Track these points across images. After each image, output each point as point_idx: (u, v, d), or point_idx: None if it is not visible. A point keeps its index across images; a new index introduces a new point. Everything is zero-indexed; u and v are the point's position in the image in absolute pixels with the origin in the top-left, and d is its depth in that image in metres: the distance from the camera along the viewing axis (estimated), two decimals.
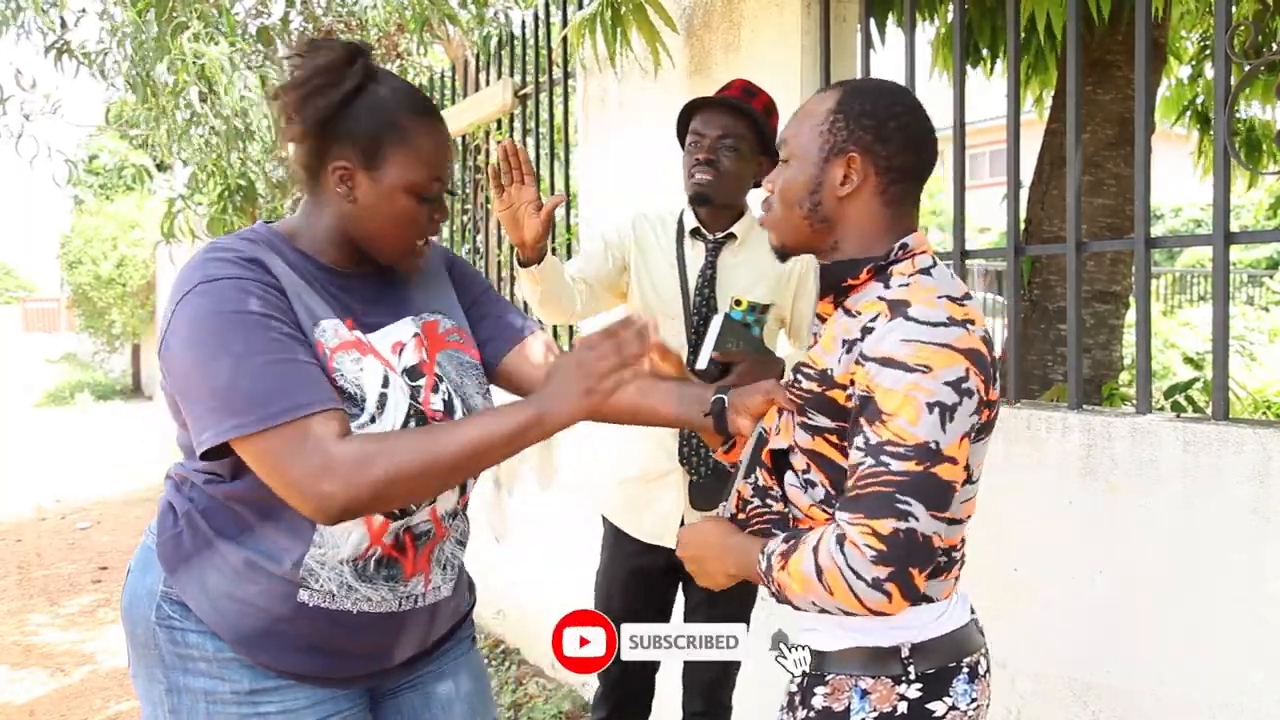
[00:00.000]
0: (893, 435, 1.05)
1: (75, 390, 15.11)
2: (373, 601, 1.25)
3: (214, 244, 1.21)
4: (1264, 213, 12.68)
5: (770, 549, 1.15)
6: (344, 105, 1.21)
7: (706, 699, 2.13)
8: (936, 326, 1.08)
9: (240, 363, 1.10)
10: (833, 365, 1.15)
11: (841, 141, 1.19)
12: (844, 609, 1.05)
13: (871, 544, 1.02)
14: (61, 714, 3.45)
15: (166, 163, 5.66)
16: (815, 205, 1.22)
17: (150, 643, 1.24)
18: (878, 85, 1.25)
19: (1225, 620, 1.62)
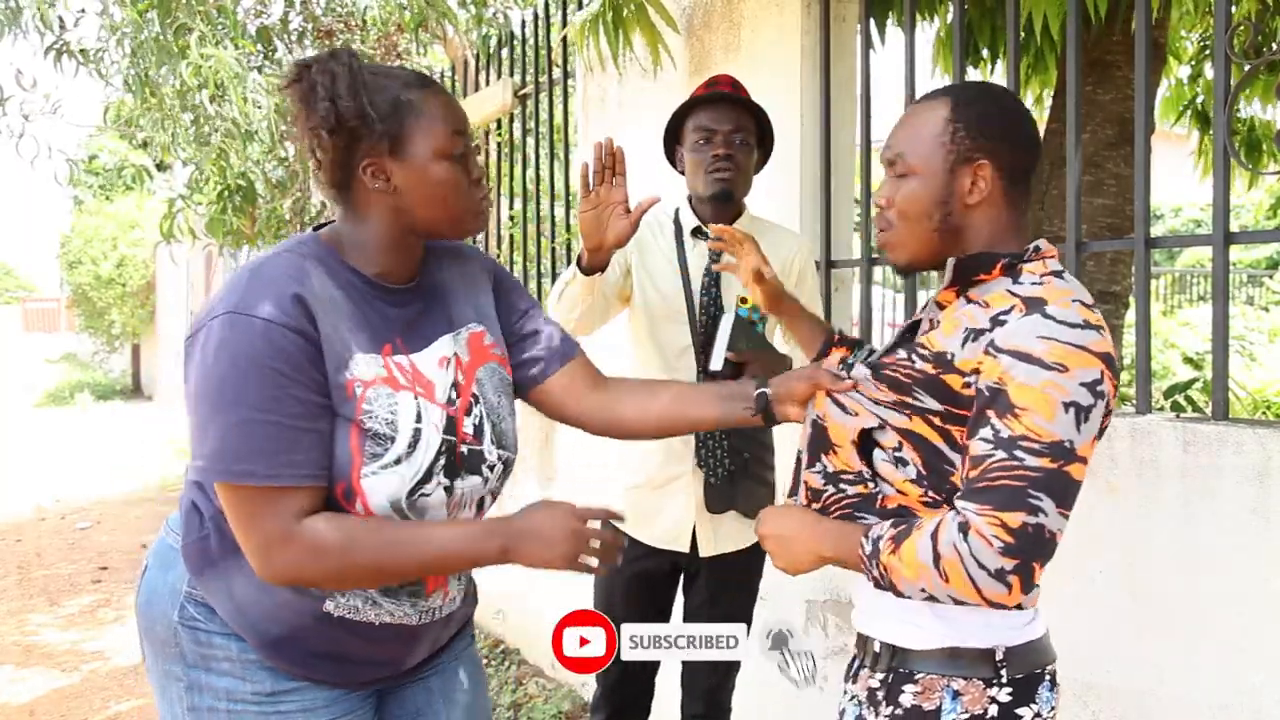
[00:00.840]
0: (1027, 430, 1.05)
1: (75, 390, 15.11)
2: (394, 616, 1.27)
3: (266, 261, 1.20)
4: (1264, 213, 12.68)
5: (877, 533, 1.14)
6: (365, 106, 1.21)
7: (706, 701, 2.12)
8: (1074, 327, 1.08)
9: (240, 412, 1.11)
10: (954, 350, 1.14)
11: (966, 150, 1.20)
12: (957, 597, 1.06)
13: (999, 535, 1.03)
14: (61, 714, 3.45)
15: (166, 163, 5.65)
16: (945, 216, 1.22)
17: (170, 640, 1.25)
18: (986, 89, 1.27)
19: (1225, 620, 1.62)
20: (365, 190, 1.24)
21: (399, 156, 1.22)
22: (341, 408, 1.17)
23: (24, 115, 4.24)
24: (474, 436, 1.28)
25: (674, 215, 2.10)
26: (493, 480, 1.31)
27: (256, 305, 1.13)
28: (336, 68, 1.20)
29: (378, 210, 1.25)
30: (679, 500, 2.01)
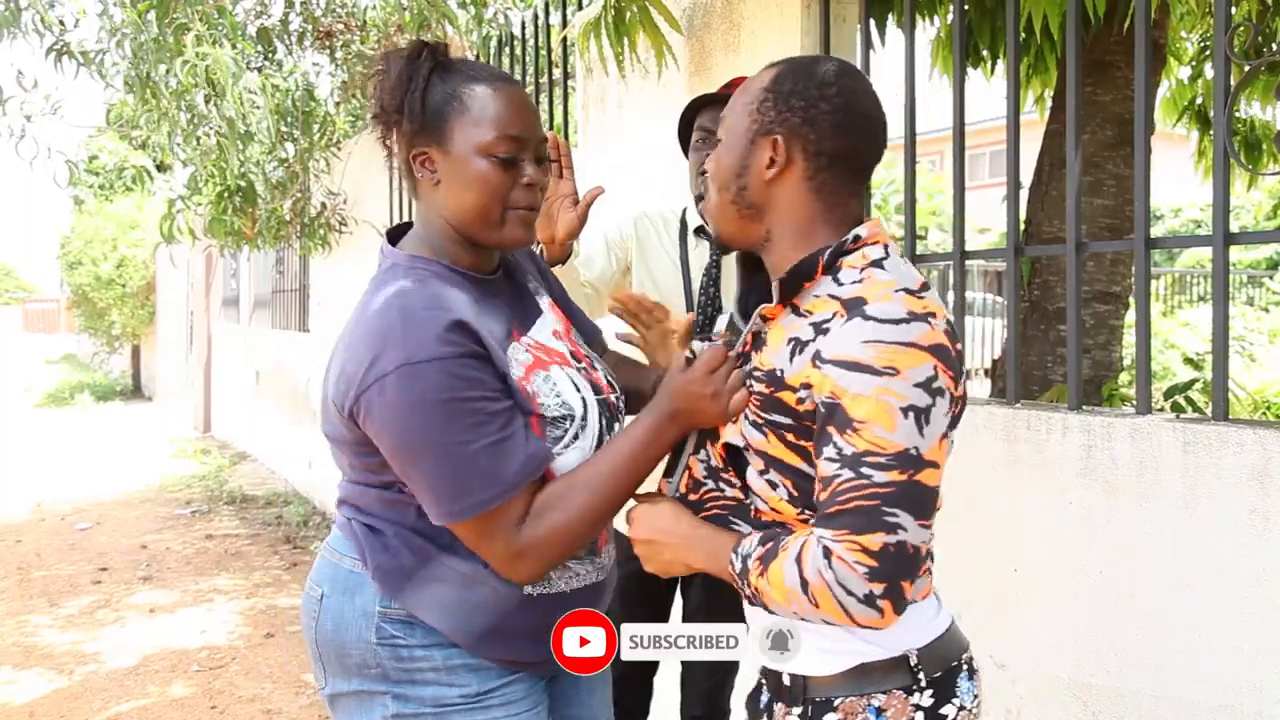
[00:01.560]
0: (870, 445, 0.99)
1: (75, 391, 15.11)
2: (580, 576, 1.33)
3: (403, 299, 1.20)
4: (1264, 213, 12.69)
5: (745, 550, 1.09)
6: (415, 96, 1.25)
7: (705, 703, 2.12)
8: (898, 324, 1.02)
9: (444, 453, 1.16)
10: (782, 366, 1.09)
11: (769, 122, 1.13)
12: (830, 621, 1.02)
13: (862, 560, 0.98)
14: (61, 715, 3.44)
15: (166, 163, 5.65)
16: (741, 189, 1.16)
17: (369, 664, 1.27)
18: (815, 64, 1.16)
19: (1225, 620, 1.62)
20: (418, 182, 1.29)
21: (444, 149, 1.25)
22: (522, 405, 1.23)
23: (25, 116, 4.24)
24: (609, 386, 1.38)
25: (681, 214, 2.11)
26: (626, 421, 1.37)
27: (424, 349, 1.15)
28: (394, 62, 1.26)
29: (432, 204, 1.29)
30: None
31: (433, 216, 1.30)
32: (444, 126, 1.25)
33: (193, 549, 5.81)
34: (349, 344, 1.22)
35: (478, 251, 1.31)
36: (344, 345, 1.23)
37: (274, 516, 6.59)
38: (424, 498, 1.19)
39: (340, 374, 1.21)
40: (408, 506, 1.25)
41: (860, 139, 1.14)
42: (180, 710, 3.48)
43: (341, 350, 1.23)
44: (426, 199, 1.30)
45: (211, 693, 3.63)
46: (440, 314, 1.18)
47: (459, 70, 1.28)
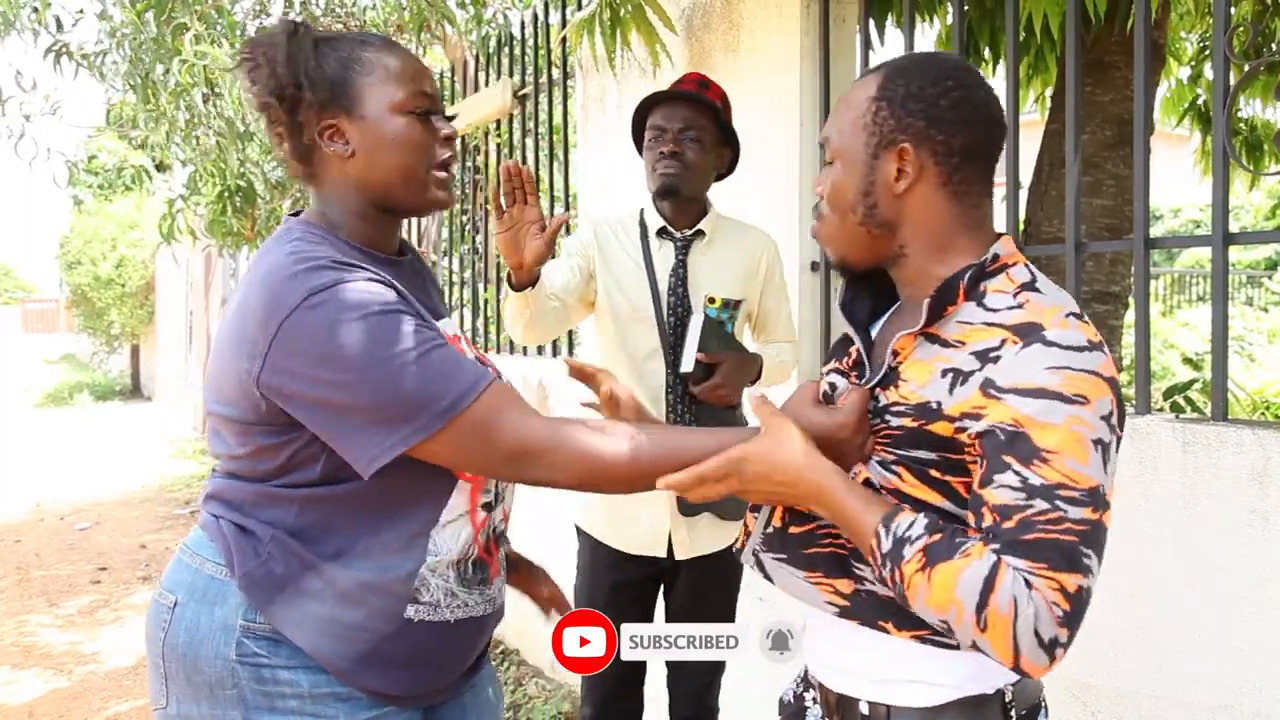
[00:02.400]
0: (1064, 477, 0.91)
1: (74, 391, 15.11)
2: (467, 607, 1.23)
3: (295, 252, 1.12)
4: (1263, 213, 12.69)
5: (903, 531, 0.96)
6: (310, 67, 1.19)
7: (694, 704, 2.11)
8: (1081, 351, 0.95)
9: (391, 365, 1.05)
10: (939, 398, 1.00)
11: (889, 132, 1.05)
12: (979, 647, 0.92)
13: (1059, 603, 0.89)
14: (61, 714, 3.44)
15: (166, 163, 5.65)
16: (871, 208, 1.08)
17: (225, 682, 1.14)
18: (922, 60, 1.10)
19: (1225, 620, 1.62)
20: (326, 159, 1.20)
21: (354, 115, 1.18)
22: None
23: (24, 116, 4.24)
24: None
25: (639, 216, 2.08)
26: None
27: (326, 281, 1.07)
28: (276, 39, 1.18)
29: (341, 179, 1.21)
30: (653, 505, 1.99)
31: (340, 195, 1.22)
32: (350, 92, 1.18)
33: None
34: (243, 306, 1.12)
35: (384, 227, 1.24)
36: (238, 311, 1.13)
37: None
38: (385, 428, 1.06)
39: (240, 336, 1.10)
40: (289, 505, 1.14)
41: (988, 129, 1.07)
42: None
43: (235, 317, 1.13)
44: (334, 177, 1.21)
45: None
46: (329, 252, 1.13)
47: (341, 39, 1.22)
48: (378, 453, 1.07)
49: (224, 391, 1.14)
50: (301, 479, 1.14)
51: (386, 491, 1.14)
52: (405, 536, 1.17)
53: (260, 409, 1.11)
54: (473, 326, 4.53)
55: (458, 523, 1.20)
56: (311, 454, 1.13)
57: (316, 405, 1.08)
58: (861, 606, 1.07)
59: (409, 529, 1.17)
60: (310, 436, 1.12)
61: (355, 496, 1.14)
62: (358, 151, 1.19)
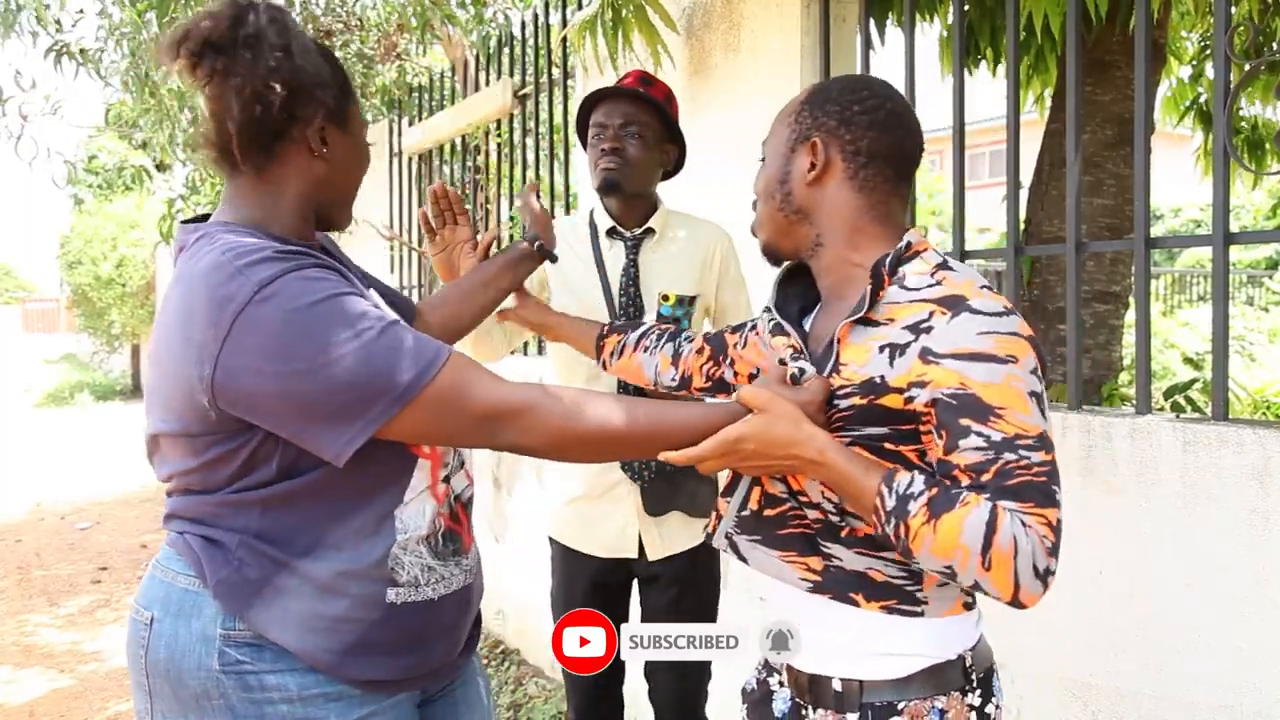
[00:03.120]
0: (1018, 429, 1.02)
1: (75, 390, 15.11)
2: (446, 581, 1.23)
3: (230, 249, 1.09)
4: (1264, 213, 12.69)
5: (904, 488, 1.04)
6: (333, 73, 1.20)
7: (679, 713, 2.07)
8: (1002, 316, 1.06)
9: (348, 348, 1.04)
10: (881, 372, 1.09)
11: (805, 129, 1.20)
12: (983, 587, 1.01)
13: (1047, 535, 1.00)
14: (61, 714, 3.44)
15: (166, 163, 5.66)
16: (787, 195, 1.22)
17: (212, 693, 1.12)
18: (849, 78, 1.24)
19: (1225, 620, 1.62)
20: (293, 157, 1.19)
21: (342, 127, 1.22)
22: None
23: (22, 116, 4.24)
24: None
25: (589, 217, 2.07)
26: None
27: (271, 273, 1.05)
28: (286, 20, 1.16)
29: (299, 179, 1.20)
30: (620, 507, 1.98)
31: (288, 192, 1.20)
32: (345, 104, 1.23)
33: None
34: (183, 312, 1.08)
35: (310, 229, 1.25)
36: (176, 319, 1.09)
37: None
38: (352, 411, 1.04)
39: (184, 343, 1.07)
40: (250, 509, 1.12)
41: (895, 134, 1.18)
42: None
43: (174, 325, 1.09)
44: (292, 177, 1.19)
45: None
46: (269, 245, 1.10)
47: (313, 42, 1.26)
48: (350, 437, 1.05)
49: (169, 405, 1.12)
50: (259, 479, 1.12)
51: (347, 479, 1.12)
52: (372, 520, 1.16)
53: (209, 418, 1.08)
54: None
55: (421, 498, 1.20)
56: (266, 452, 1.11)
57: (278, 400, 1.05)
58: (832, 580, 1.15)
59: (374, 512, 1.16)
60: (262, 436, 1.10)
61: (316, 488, 1.12)
62: (329, 158, 1.22)
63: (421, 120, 4.93)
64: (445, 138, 4.65)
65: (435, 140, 4.73)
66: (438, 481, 1.23)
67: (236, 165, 1.17)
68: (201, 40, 1.12)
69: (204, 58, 1.13)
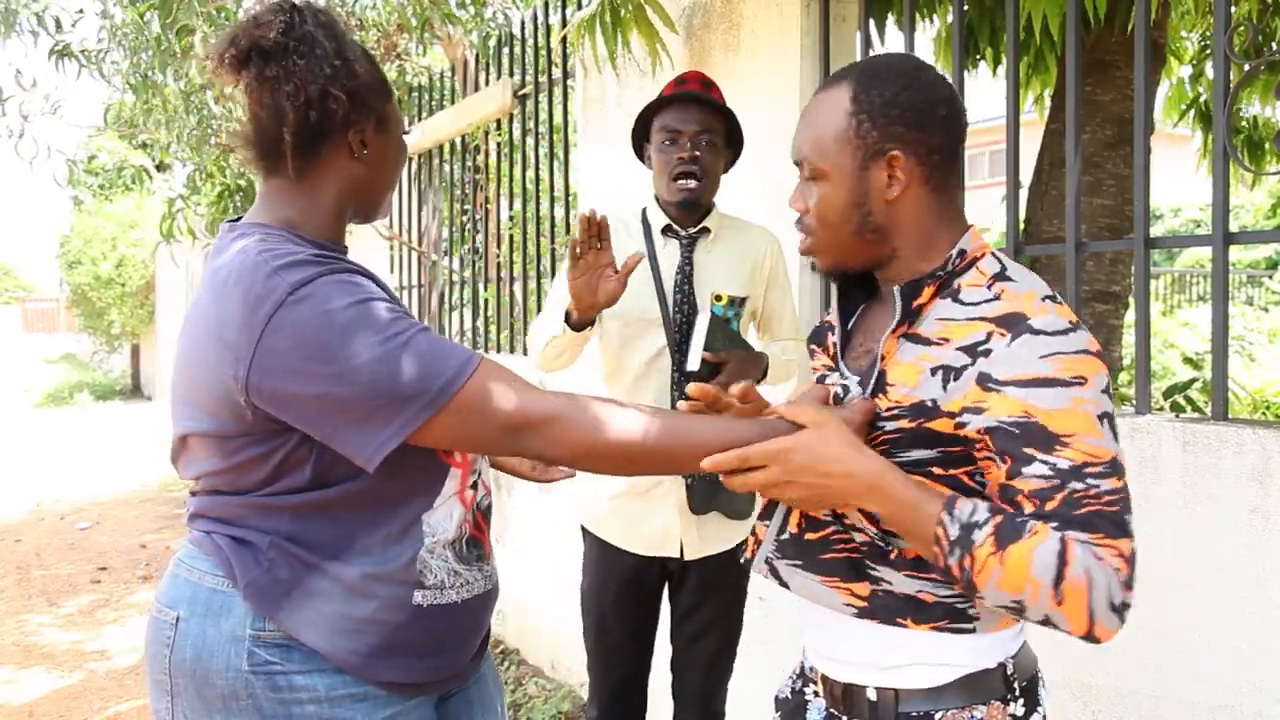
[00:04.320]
0: (1086, 456, 0.96)
1: (75, 390, 15.11)
2: (469, 585, 1.24)
3: (265, 250, 1.10)
4: (1264, 213, 12.69)
5: (967, 517, 0.98)
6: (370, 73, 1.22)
7: (700, 710, 2.10)
8: (1067, 334, 0.99)
9: (382, 353, 1.04)
10: (933, 396, 1.03)
11: (875, 142, 1.08)
12: (1057, 621, 0.96)
13: (1121, 568, 0.94)
14: (61, 714, 3.44)
15: (166, 163, 5.66)
16: (865, 217, 1.10)
17: (240, 694, 1.12)
18: (884, 65, 1.11)
19: (1225, 620, 1.62)
20: (334, 159, 1.20)
21: (381, 130, 1.23)
22: None
23: (23, 115, 4.24)
24: None
25: (641, 215, 2.07)
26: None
27: (304, 276, 1.06)
28: (335, 25, 1.19)
29: (338, 180, 1.21)
30: (664, 505, 1.99)
31: (327, 192, 1.20)
32: (385, 106, 1.24)
33: None
34: (217, 313, 1.08)
35: (343, 228, 1.26)
36: (210, 320, 1.10)
37: None
38: (367, 426, 1.04)
39: (219, 344, 1.07)
40: (281, 513, 1.13)
41: (958, 121, 1.11)
42: None
43: (209, 327, 1.10)
44: (329, 178, 1.20)
45: None
46: (304, 247, 1.12)
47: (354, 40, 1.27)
48: (382, 441, 1.05)
49: (201, 405, 1.12)
50: (291, 485, 1.12)
51: (382, 487, 1.13)
52: (401, 526, 1.17)
53: (245, 418, 1.08)
54: (473, 326, 4.53)
55: (449, 503, 1.21)
56: (300, 458, 1.11)
57: (312, 402, 1.05)
58: (880, 606, 1.09)
59: (405, 518, 1.17)
60: (298, 440, 1.10)
61: (349, 497, 1.13)
62: (371, 161, 1.23)
63: (421, 120, 4.93)
64: (445, 138, 4.65)
65: (435, 140, 4.73)
66: (465, 488, 1.24)
67: (277, 167, 1.19)
68: (250, 46, 1.14)
69: (251, 63, 1.14)
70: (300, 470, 1.12)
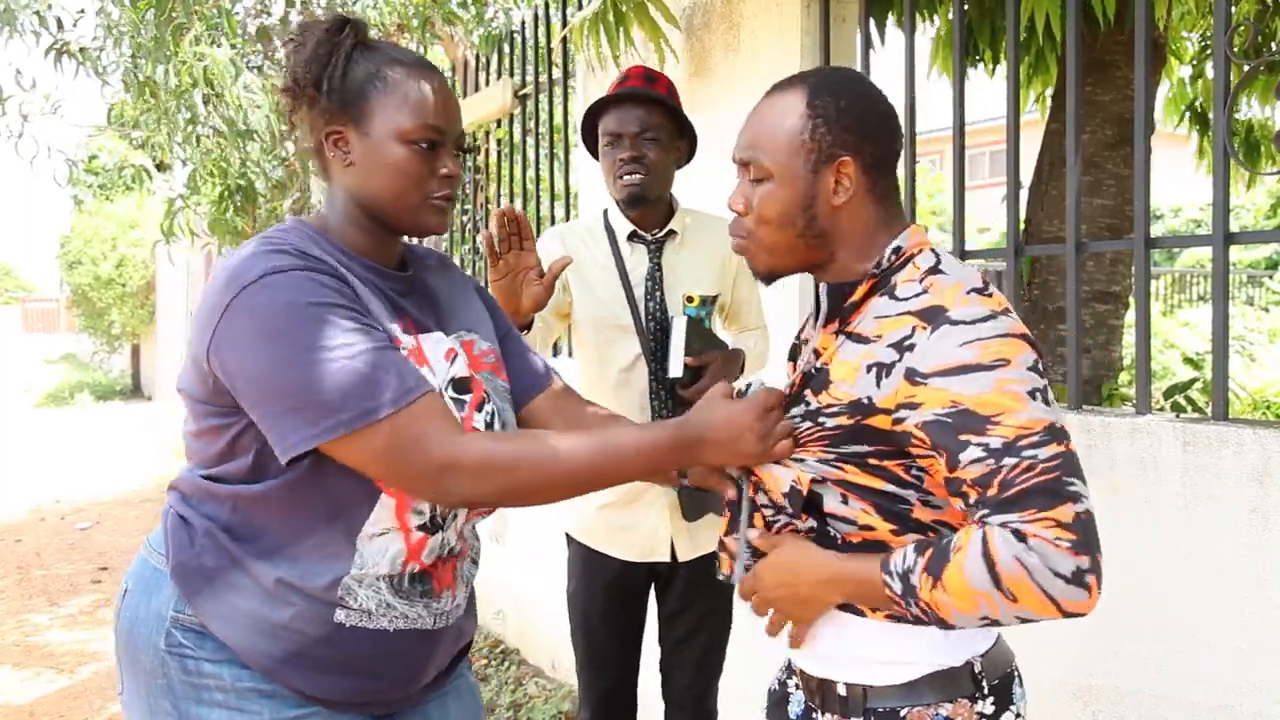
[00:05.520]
0: (1018, 430, 0.97)
1: (75, 391, 15.11)
2: (409, 619, 1.20)
3: (264, 237, 1.16)
4: (1263, 213, 12.69)
5: (901, 567, 1.02)
6: (334, 72, 1.19)
7: (693, 711, 2.09)
8: (985, 321, 1.02)
9: (329, 355, 1.06)
10: (868, 393, 1.06)
11: (828, 147, 1.10)
12: (1028, 616, 0.96)
13: (1062, 535, 0.92)
14: (61, 714, 3.45)
15: (166, 163, 5.66)
16: (810, 220, 1.13)
17: (158, 671, 1.16)
18: (840, 76, 1.16)
19: (1225, 620, 1.62)
20: (329, 161, 1.23)
21: (360, 129, 1.20)
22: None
23: (23, 115, 4.24)
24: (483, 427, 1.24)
25: (604, 220, 2.03)
26: None
27: (284, 265, 1.10)
28: (312, 34, 1.20)
29: (341, 184, 1.23)
30: (653, 512, 1.97)
31: (339, 197, 1.24)
32: (363, 106, 1.19)
33: None
34: (211, 283, 1.15)
35: (380, 240, 1.25)
36: (206, 291, 1.16)
37: None
38: (304, 416, 1.06)
39: (202, 311, 1.13)
40: (224, 501, 1.16)
41: (897, 135, 1.16)
42: None
43: (203, 297, 1.16)
44: (336, 180, 1.24)
45: None
46: (306, 243, 1.16)
47: (381, 50, 1.22)
48: (300, 438, 1.07)
49: (188, 367, 1.18)
50: (235, 470, 1.15)
51: (309, 495, 1.14)
52: (331, 543, 1.15)
53: (209, 384, 1.13)
54: None
55: (387, 536, 1.17)
56: (246, 443, 1.14)
57: (250, 381, 1.09)
58: None
59: (334, 535, 1.16)
60: (248, 423, 1.12)
61: (280, 496, 1.14)
62: (356, 164, 1.21)
63: None
64: None
65: None
66: (407, 525, 1.18)
67: (318, 172, 1.28)
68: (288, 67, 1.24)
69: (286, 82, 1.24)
70: (245, 455, 1.14)
